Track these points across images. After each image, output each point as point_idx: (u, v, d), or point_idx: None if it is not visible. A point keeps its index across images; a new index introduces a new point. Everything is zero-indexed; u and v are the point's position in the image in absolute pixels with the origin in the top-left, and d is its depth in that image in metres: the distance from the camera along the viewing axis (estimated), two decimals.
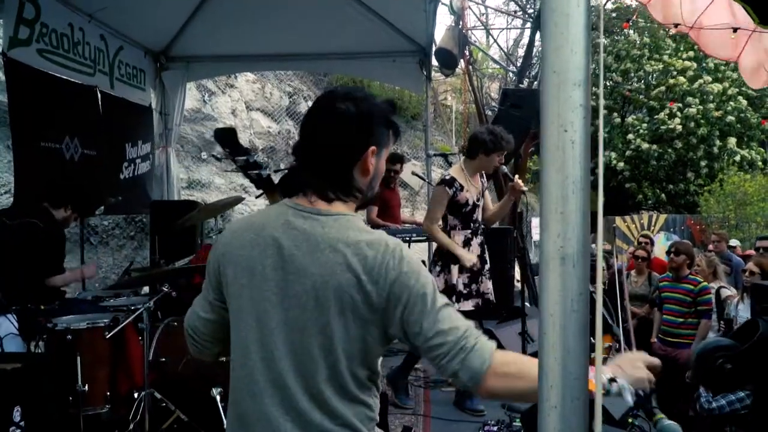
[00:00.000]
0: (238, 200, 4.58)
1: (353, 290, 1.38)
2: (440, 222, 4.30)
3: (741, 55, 5.89)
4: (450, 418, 4.38)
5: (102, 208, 5.83)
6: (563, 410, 0.78)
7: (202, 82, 9.04)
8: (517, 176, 4.22)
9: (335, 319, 1.39)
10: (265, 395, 1.43)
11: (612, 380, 1.37)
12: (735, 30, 5.74)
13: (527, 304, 6.25)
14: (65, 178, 4.89)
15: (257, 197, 8.00)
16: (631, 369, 1.43)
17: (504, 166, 4.33)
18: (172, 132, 7.24)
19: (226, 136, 1.74)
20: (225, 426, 1.58)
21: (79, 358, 3.19)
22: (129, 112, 6.51)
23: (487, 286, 4.38)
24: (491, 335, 4.86)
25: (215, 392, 3.39)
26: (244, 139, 9.65)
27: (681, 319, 5.83)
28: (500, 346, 4.40)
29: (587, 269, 0.77)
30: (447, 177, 4.19)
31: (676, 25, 5.86)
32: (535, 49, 10.64)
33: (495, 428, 3.66)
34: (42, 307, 3.63)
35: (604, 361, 2.82)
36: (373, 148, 1.49)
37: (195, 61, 7.28)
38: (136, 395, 3.32)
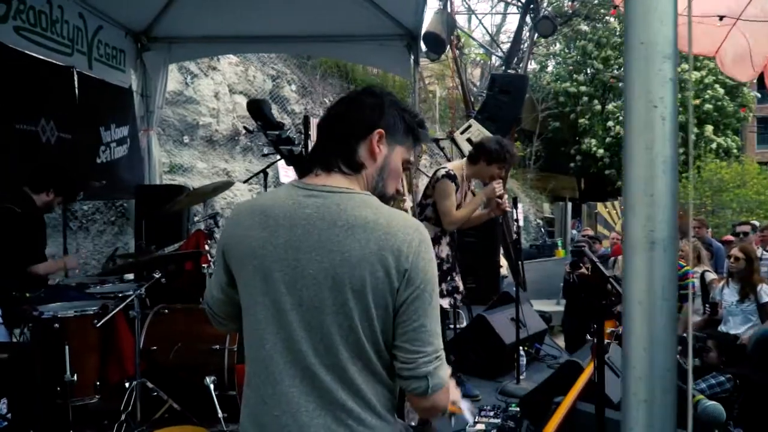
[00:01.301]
0: (229, 184, 4.46)
1: (375, 268, 1.36)
2: (431, 211, 4.13)
3: (720, 50, 5.92)
4: None
5: (81, 193, 5.66)
6: (652, 405, 0.73)
7: (184, 63, 8.81)
8: (505, 197, 4.17)
9: (355, 297, 1.36)
10: (285, 377, 1.40)
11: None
12: (721, 18, 5.77)
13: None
14: (41, 162, 4.71)
15: (244, 182, 7.88)
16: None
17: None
18: (153, 114, 7.05)
19: (258, 109, 1.67)
20: (240, 410, 1.54)
21: (67, 347, 3.08)
22: (107, 94, 6.31)
23: (458, 282, 4.26)
24: (484, 321, 4.85)
25: (209, 381, 3.31)
26: (227, 122, 9.46)
27: None
28: (494, 332, 4.40)
29: (677, 255, 0.72)
30: (450, 172, 4.04)
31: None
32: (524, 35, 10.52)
33: (492, 413, 3.64)
34: (27, 295, 3.49)
35: (608, 346, 2.80)
36: (380, 131, 1.50)
37: (177, 43, 7.07)
38: (127, 385, 3.23)
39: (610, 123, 20.00)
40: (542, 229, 16.45)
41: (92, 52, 5.97)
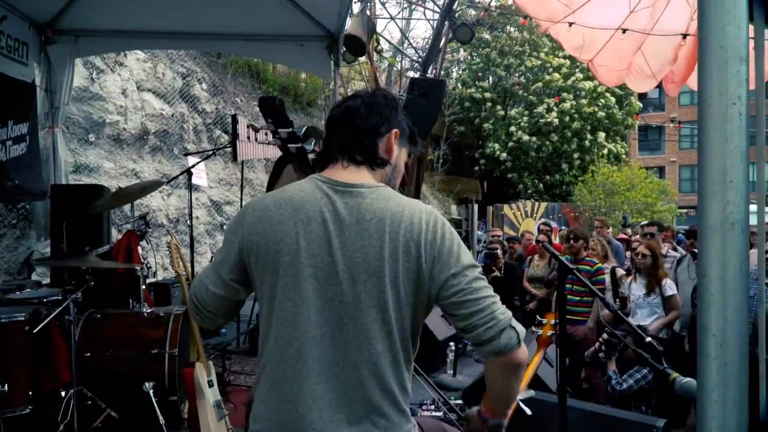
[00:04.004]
0: (157, 184, 4.30)
1: (406, 258, 1.40)
2: None
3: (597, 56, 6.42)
4: None
5: None
6: (731, 368, 0.82)
7: (90, 58, 8.35)
8: None
9: (389, 288, 1.40)
10: (313, 374, 1.39)
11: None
12: (624, 31, 6.23)
13: None
14: None
15: (168, 182, 7.57)
16: None
17: None
18: (59, 111, 6.67)
19: (271, 107, 1.64)
20: (255, 411, 1.49)
21: None
22: (7, 89, 5.89)
23: None
24: None
25: (148, 386, 3.19)
26: (135, 121, 9.06)
27: (578, 298, 6.23)
28: (426, 328, 4.52)
29: (749, 235, 0.82)
30: None
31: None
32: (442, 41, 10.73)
33: (432, 407, 3.74)
34: None
35: (552, 337, 2.95)
36: (396, 130, 1.59)
37: (84, 36, 6.73)
38: (63, 393, 3.04)
39: (513, 128, 20.90)
40: None
41: None
